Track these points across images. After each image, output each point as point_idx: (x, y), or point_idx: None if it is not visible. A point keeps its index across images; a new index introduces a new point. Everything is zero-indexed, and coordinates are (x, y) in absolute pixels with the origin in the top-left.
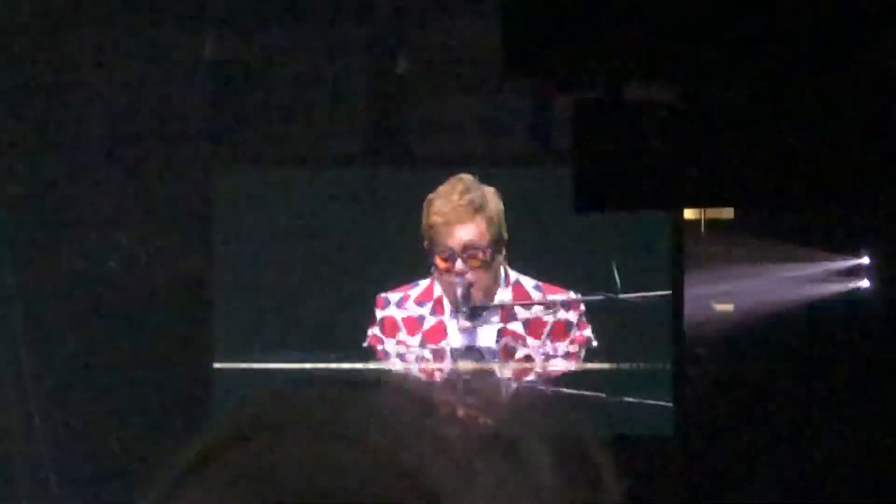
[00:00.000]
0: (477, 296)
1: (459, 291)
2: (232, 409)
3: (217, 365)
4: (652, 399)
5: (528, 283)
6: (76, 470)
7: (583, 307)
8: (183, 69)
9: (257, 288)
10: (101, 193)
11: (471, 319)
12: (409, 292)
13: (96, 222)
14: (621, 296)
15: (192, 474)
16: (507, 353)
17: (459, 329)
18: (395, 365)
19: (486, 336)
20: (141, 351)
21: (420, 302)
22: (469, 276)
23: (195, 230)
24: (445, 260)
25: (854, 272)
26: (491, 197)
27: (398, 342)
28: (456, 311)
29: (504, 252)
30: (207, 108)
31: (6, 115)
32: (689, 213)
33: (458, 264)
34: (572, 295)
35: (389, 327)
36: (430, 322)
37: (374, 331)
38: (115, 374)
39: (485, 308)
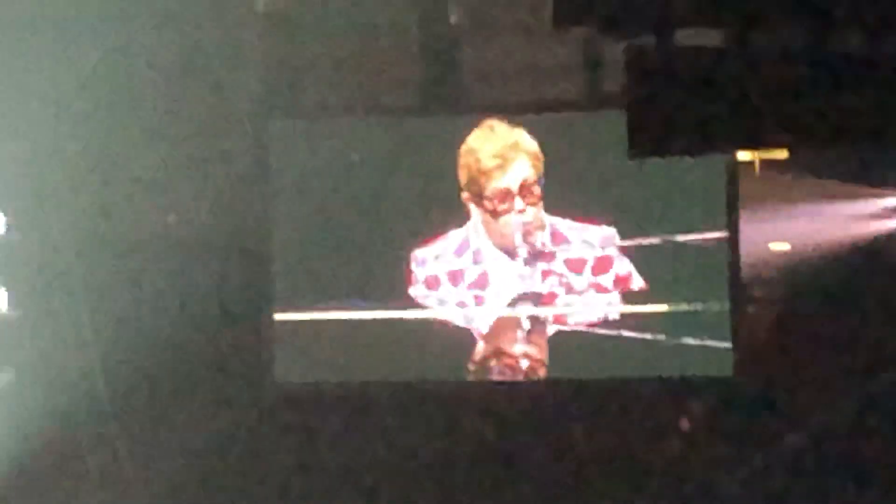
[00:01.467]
0: (537, 238)
1: (520, 233)
2: None
3: (279, 317)
4: (711, 340)
5: (563, 224)
6: (137, 421)
7: (618, 240)
8: (237, 23)
9: (315, 239)
10: (159, 148)
11: (528, 265)
12: (444, 245)
13: (154, 178)
14: (678, 238)
15: None
16: (553, 296)
17: (517, 275)
18: (448, 313)
19: (533, 279)
20: (202, 305)
21: (458, 253)
22: (527, 216)
23: (252, 184)
24: (503, 201)
25: None
26: (528, 137)
27: (443, 295)
28: (512, 256)
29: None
30: (261, 62)
31: (62, 73)
32: (743, 154)
33: (517, 203)
34: (605, 228)
35: (433, 283)
36: (473, 272)
37: (416, 291)
38: (176, 328)
39: (542, 252)
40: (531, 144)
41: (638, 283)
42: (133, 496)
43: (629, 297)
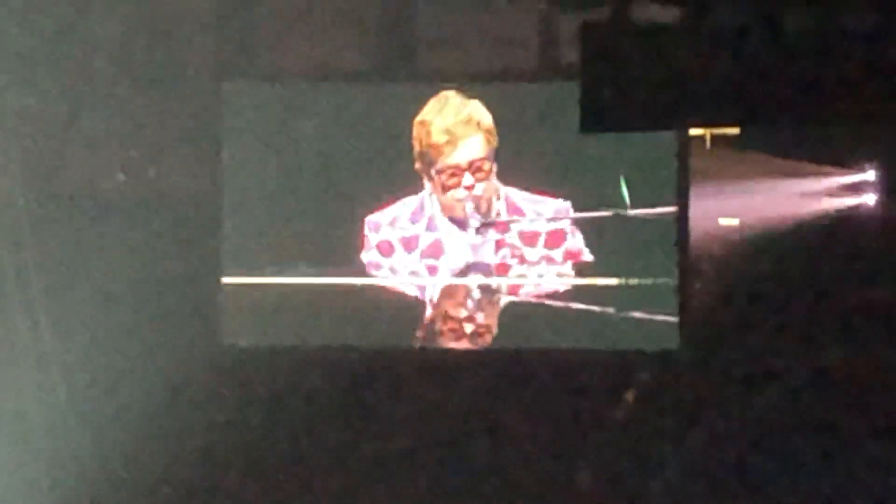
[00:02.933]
0: (484, 209)
1: (470, 207)
2: None
3: (225, 279)
4: (658, 314)
5: (518, 195)
6: (83, 375)
7: (571, 213)
8: None
9: (265, 202)
10: (111, 107)
11: (479, 234)
12: (398, 211)
13: (104, 135)
14: (629, 212)
15: None
16: (505, 267)
17: (468, 244)
18: (398, 280)
19: (486, 250)
20: (150, 265)
21: (412, 220)
22: (477, 190)
23: (204, 145)
24: (452, 177)
25: (859, 187)
26: (483, 110)
27: (396, 262)
28: (464, 227)
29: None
30: (216, 24)
31: (16, 30)
32: (694, 129)
33: (466, 179)
34: (561, 202)
35: (386, 250)
36: (426, 239)
37: (369, 256)
38: (123, 286)
39: (492, 223)
40: (485, 118)
41: (587, 259)
42: (78, 456)
43: (578, 269)
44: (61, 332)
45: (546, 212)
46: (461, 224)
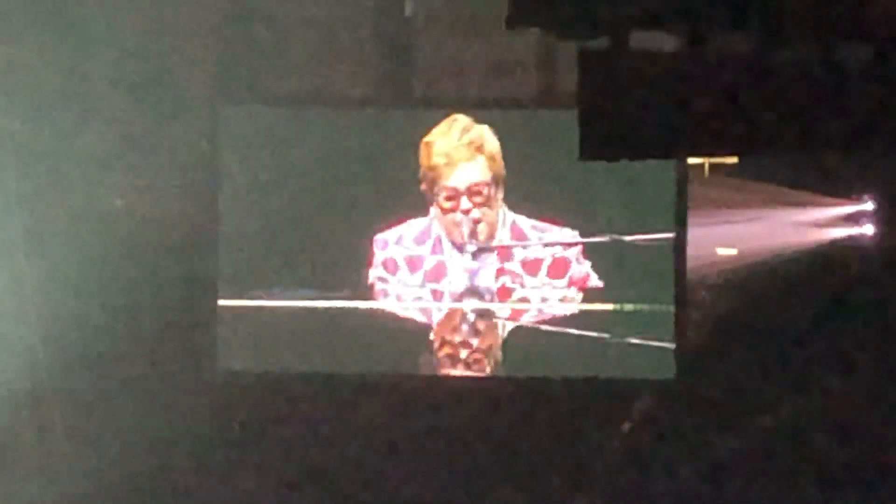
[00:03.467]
0: (483, 233)
1: (466, 230)
2: None
3: (222, 302)
4: (655, 341)
5: (525, 222)
6: (78, 396)
7: (570, 239)
8: (191, 9)
9: (262, 226)
10: (108, 130)
11: (476, 259)
12: (404, 231)
13: (102, 159)
14: (626, 238)
15: None
16: (505, 293)
17: (464, 269)
18: (395, 304)
19: (486, 276)
20: (145, 287)
21: (418, 241)
22: (474, 213)
23: (201, 169)
24: (450, 199)
25: (857, 217)
26: (489, 135)
27: (399, 281)
28: (461, 250)
29: (503, 190)
30: (214, 48)
31: (13, 51)
32: (693, 157)
33: (464, 202)
34: (568, 230)
35: (391, 267)
36: (430, 261)
37: (376, 273)
38: (120, 309)
39: (489, 248)
40: (489, 143)
41: (596, 285)
42: (73, 482)
43: (585, 295)
44: (58, 356)
45: (551, 240)
46: (461, 248)
